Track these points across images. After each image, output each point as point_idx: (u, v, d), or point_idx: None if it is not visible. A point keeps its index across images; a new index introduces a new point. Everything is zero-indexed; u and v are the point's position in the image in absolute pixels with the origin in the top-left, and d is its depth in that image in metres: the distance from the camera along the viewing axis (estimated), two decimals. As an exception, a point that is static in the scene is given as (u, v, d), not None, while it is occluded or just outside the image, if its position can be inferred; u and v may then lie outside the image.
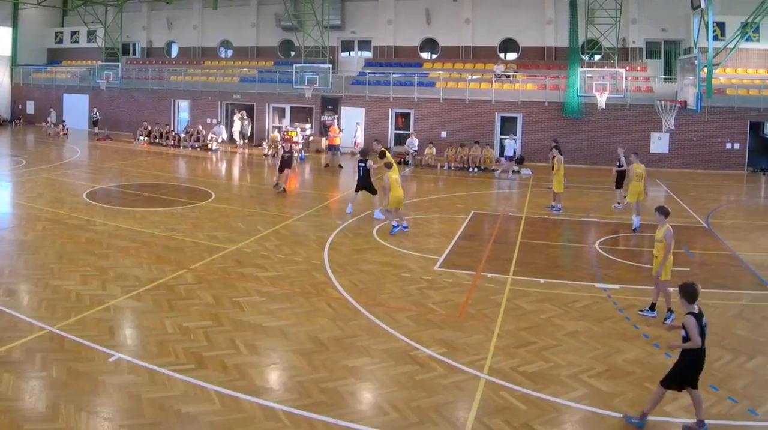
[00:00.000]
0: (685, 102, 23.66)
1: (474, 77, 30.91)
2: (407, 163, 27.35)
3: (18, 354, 7.38)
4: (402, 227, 14.40)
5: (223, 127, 32.98)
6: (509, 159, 25.30)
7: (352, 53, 36.87)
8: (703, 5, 22.43)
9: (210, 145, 31.13)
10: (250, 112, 33.83)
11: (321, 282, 10.66)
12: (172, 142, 32.43)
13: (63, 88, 40.02)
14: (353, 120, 30.96)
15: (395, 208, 14.26)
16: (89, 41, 40.61)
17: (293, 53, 36.40)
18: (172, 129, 34.40)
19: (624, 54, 30.35)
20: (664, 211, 9.32)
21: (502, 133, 29.57)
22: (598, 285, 10.91)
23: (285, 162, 19.23)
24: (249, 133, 33.14)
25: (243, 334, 8.30)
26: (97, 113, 36.55)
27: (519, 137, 28.63)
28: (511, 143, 25.99)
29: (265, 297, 9.81)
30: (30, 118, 41.13)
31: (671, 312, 9.22)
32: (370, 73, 32.81)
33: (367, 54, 36.22)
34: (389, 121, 31.65)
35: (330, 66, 32.17)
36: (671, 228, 9.20)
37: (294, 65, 32.60)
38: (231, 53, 39.57)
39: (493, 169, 26.36)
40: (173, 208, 16.59)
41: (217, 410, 6.37)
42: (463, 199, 19.44)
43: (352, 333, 8.47)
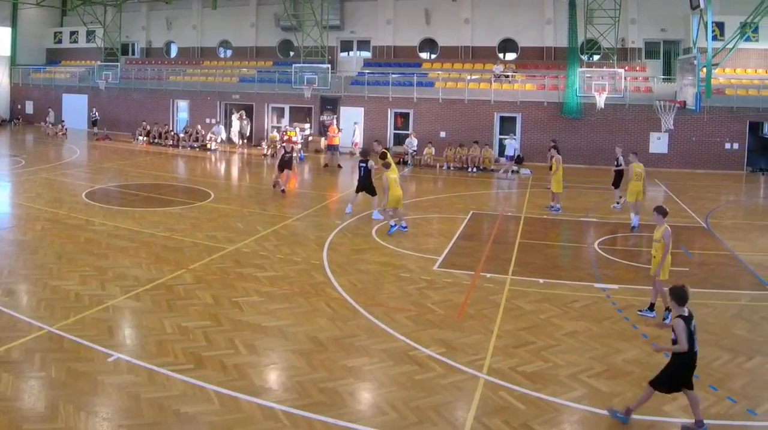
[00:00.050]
0: (684, 102, 23.65)
1: (473, 77, 30.91)
2: (406, 164, 27.35)
3: (17, 354, 7.38)
4: (401, 227, 14.40)
5: (222, 127, 32.97)
6: (510, 159, 25.30)
7: (351, 53, 36.86)
8: (702, 5, 22.43)
9: (209, 145, 31.12)
10: (249, 112, 33.83)
11: (320, 282, 10.66)
12: (171, 142, 32.41)
13: (62, 88, 39.99)
14: (352, 120, 30.97)
15: (394, 207, 14.26)
16: (88, 41, 40.56)
17: (292, 53, 36.39)
18: (171, 129, 34.36)
19: (623, 54, 30.36)
20: (662, 212, 9.34)
21: (501, 133, 29.59)
22: (597, 285, 10.91)
23: (285, 163, 19.08)
24: (248, 133, 33.15)
25: (242, 334, 8.30)
26: (96, 113, 36.59)
27: (518, 137, 28.62)
28: (512, 143, 25.96)
29: (264, 297, 9.81)
30: (29, 118, 41.10)
31: (669, 311, 9.21)
32: (369, 73, 32.80)
33: (366, 54, 36.22)
34: (388, 121, 31.65)
35: (329, 66, 32.14)
36: (669, 228, 9.22)
37: (293, 65, 32.58)
38: (230, 53, 39.55)
39: (492, 169, 26.40)
40: (172, 208, 16.58)
41: (216, 410, 6.37)
42: (462, 199, 19.44)
43: (351, 333, 8.47)
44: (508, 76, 30.49)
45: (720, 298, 10.28)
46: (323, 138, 30.29)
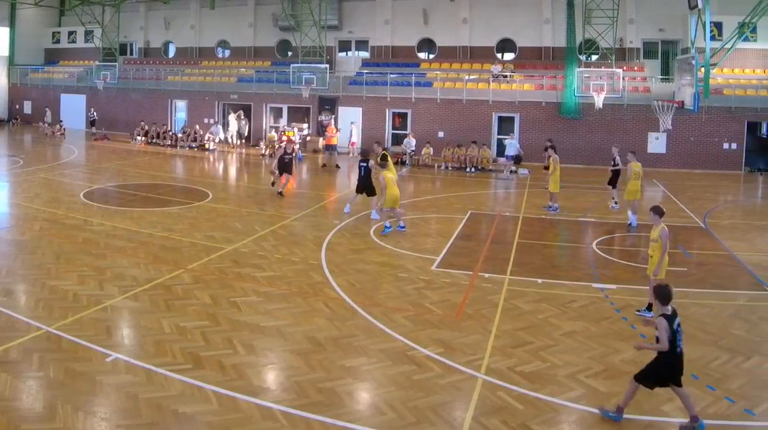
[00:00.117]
0: (683, 102, 23.69)
1: (471, 77, 30.93)
2: (404, 164, 27.35)
3: (15, 354, 7.37)
4: (399, 227, 14.41)
5: (221, 127, 32.95)
6: (510, 159, 25.29)
7: (349, 53, 36.87)
8: (701, 5, 22.48)
9: (207, 146, 31.11)
10: (247, 112, 33.82)
11: (318, 282, 10.66)
12: (169, 142, 32.38)
13: (60, 88, 39.97)
14: (349, 120, 30.98)
15: (391, 207, 14.26)
16: (86, 41, 40.56)
17: (290, 53, 36.41)
18: (169, 129, 34.34)
19: (621, 54, 30.39)
20: (659, 211, 9.35)
21: (499, 134, 29.60)
22: (595, 285, 10.92)
23: (285, 165, 18.66)
24: (246, 133, 33.13)
25: (240, 334, 8.29)
26: (95, 113, 36.60)
27: (516, 137, 28.60)
28: (512, 143, 25.90)
29: (263, 297, 9.80)
30: (27, 118, 41.07)
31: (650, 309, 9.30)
32: (367, 73, 32.80)
33: (365, 54, 36.22)
34: (386, 121, 31.64)
35: (327, 66, 32.16)
36: (666, 228, 9.22)
37: (291, 65, 32.56)
38: (228, 53, 39.53)
39: (491, 170, 26.41)
40: (170, 208, 16.57)
41: (215, 410, 6.36)
42: (461, 199, 19.45)
43: (349, 333, 8.46)
44: (506, 76, 30.51)
45: (718, 298, 10.29)
46: (321, 138, 30.29)
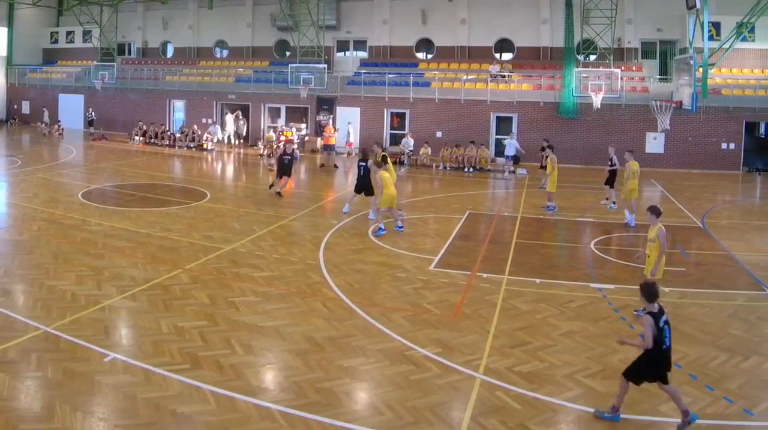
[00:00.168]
0: (681, 102, 23.71)
1: (469, 77, 30.91)
2: (403, 164, 27.34)
3: (13, 354, 7.36)
4: (397, 227, 14.41)
5: (219, 128, 32.93)
6: (509, 159, 25.28)
7: (347, 53, 36.82)
8: (699, 5, 22.50)
9: (205, 146, 31.09)
10: (245, 112, 33.78)
11: (316, 282, 10.65)
12: (167, 142, 32.34)
13: (58, 88, 39.91)
14: (346, 120, 30.99)
15: (387, 207, 14.24)
16: (85, 41, 40.50)
17: (288, 53, 36.37)
18: (167, 129, 34.29)
19: (619, 54, 30.37)
20: (656, 211, 9.36)
21: (497, 133, 29.61)
22: (593, 285, 10.92)
23: (285, 166, 18.51)
24: (244, 133, 33.11)
25: (238, 334, 8.29)
26: (93, 113, 36.56)
27: (516, 137, 28.59)
28: (512, 143, 25.86)
29: (261, 297, 9.80)
30: (25, 118, 41.02)
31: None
32: (365, 73, 32.80)
33: (363, 54, 36.18)
34: (384, 121, 31.64)
35: (325, 66, 32.15)
36: (664, 228, 9.22)
37: (289, 65, 32.56)
38: (226, 53, 39.46)
39: (489, 170, 26.41)
40: (169, 208, 16.56)
41: (213, 410, 6.36)
42: (459, 199, 19.45)
43: (347, 333, 8.46)
44: (504, 76, 30.51)
45: (716, 298, 10.30)
46: (319, 138, 30.28)
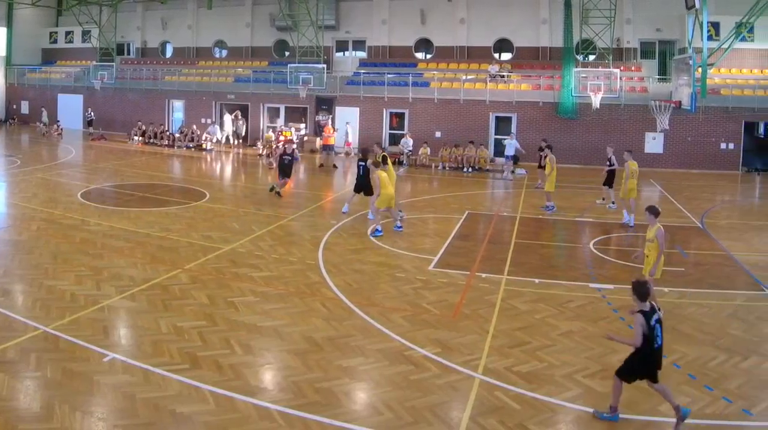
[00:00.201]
0: (680, 102, 23.72)
1: (468, 77, 30.91)
2: (402, 164, 27.33)
3: (12, 354, 7.36)
4: (396, 228, 14.42)
5: (218, 128, 32.89)
6: (509, 159, 25.26)
7: (346, 53, 36.81)
8: (698, 5, 22.50)
9: (204, 146, 31.08)
10: (244, 112, 33.77)
11: (315, 282, 10.65)
12: (166, 142, 32.32)
13: (57, 88, 39.89)
14: (345, 120, 30.98)
15: (386, 207, 14.23)
16: (84, 41, 40.48)
17: (288, 53, 36.35)
18: (166, 129, 34.26)
19: (618, 54, 30.37)
20: (654, 211, 9.36)
21: (496, 133, 29.61)
22: (592, 285, 10.93)
23: (285, 167, 18.54)
24: (244, 133, 33.10)
25: (237, 334, 8.29)
26: (92, 113, 36.54)
27: (515, 137, 28.58)
28: (512, 143, 25.82)
29: (260, 297, 9.80)
30: (24, 118, 40.99)
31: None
32: (364, 73, 32.80)
33: (362, 54, 36.17)
34: (384, 121, 31.63)
35: (324, 66, 32.12)
36: (662, 228, 9.23)
37: (288, 65, 32.53)
38: (225, 53, 39.44)
39: (488, 170, 26.42)
40: (168, 208, 16.55)
41: (212, 410, 6.36)
42: (458, 200, 19.45)
43: (346, 333, 8.46)
44: (503, 76, 30.52)
45: (716, 298, 10.31)
46: (318, 138, 30.27)
